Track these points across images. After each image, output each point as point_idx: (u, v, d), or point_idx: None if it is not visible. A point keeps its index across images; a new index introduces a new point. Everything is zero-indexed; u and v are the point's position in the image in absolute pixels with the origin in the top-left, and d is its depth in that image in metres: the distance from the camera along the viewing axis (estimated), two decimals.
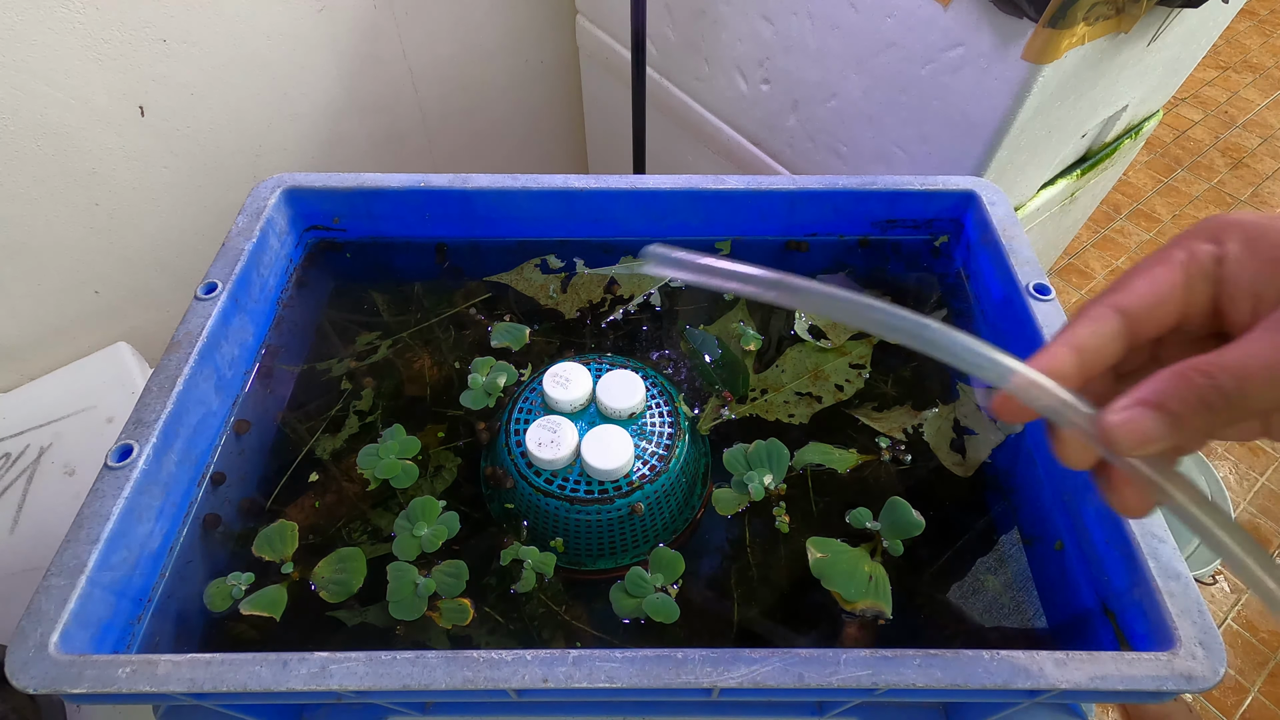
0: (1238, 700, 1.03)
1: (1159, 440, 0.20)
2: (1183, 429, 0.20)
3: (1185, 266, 0.22)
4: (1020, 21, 0.60)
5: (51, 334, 0.86)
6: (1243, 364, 0.19)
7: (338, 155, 1.00)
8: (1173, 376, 0.20)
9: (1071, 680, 0.32)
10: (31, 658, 0.33)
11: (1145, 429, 0.20)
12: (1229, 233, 0.21)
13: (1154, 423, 0.20)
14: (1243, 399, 0.19)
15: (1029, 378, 0.22)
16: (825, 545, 0.43)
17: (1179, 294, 0.22)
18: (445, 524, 0.44)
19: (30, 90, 0.71)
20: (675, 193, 0.55)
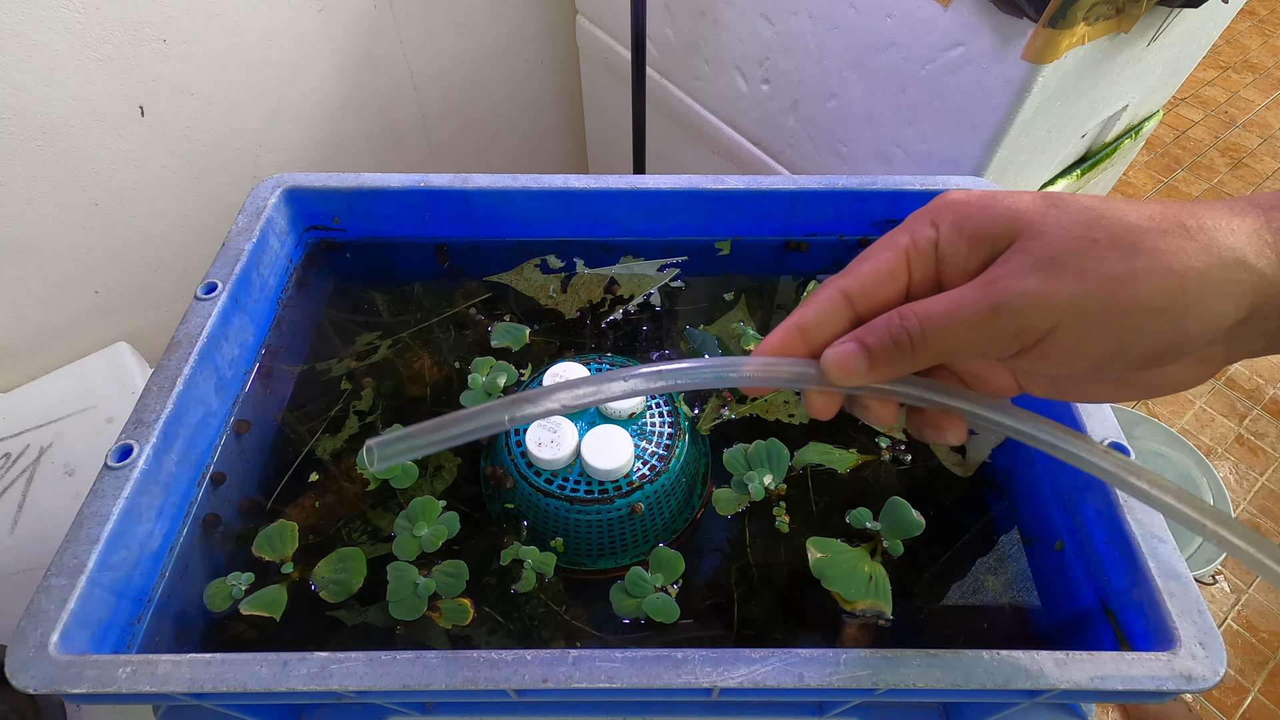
0: (1238, 700, 1.03)
1: (858, 371, 0.24)
2: (878, 362, 0.24)
3: (906, 250, 0.25)
4: (1020, 21, 0.60)
5: (51, 334, 0.86)
6: (928, 310, 0.23)
7: (338, 155, 1.00)
8: (881, 320, 0.24)
9: (1071, 680, 0.32)
10: (31, 658, 0.33)
11: (847, 362, 0.24)
12: (944, 214, 0.24)
13: (855, 357, 0.24)
14: (924, 340, 0.23)
15: (759, 367, 0.25)
16: (825, 545, 0.43)
17: (900, 274, 0.25)
18: (445, 524, 0.44)
19: (30, 90, 0.70)
20: (675, 193, 0.55)
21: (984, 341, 0.22)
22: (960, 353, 0.23)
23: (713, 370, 0.25)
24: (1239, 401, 1.36)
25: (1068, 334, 0.21)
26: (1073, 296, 0.21)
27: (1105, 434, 0.42)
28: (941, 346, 0.23)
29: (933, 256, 0.24)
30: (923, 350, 0.23)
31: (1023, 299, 0.21)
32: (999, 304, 0.21)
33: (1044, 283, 0.21)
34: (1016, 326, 0.22)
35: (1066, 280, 0.21)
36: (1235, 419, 1.33)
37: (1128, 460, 0.24)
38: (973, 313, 0.22)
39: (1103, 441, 0.41)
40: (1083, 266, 0.21)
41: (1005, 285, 0.22)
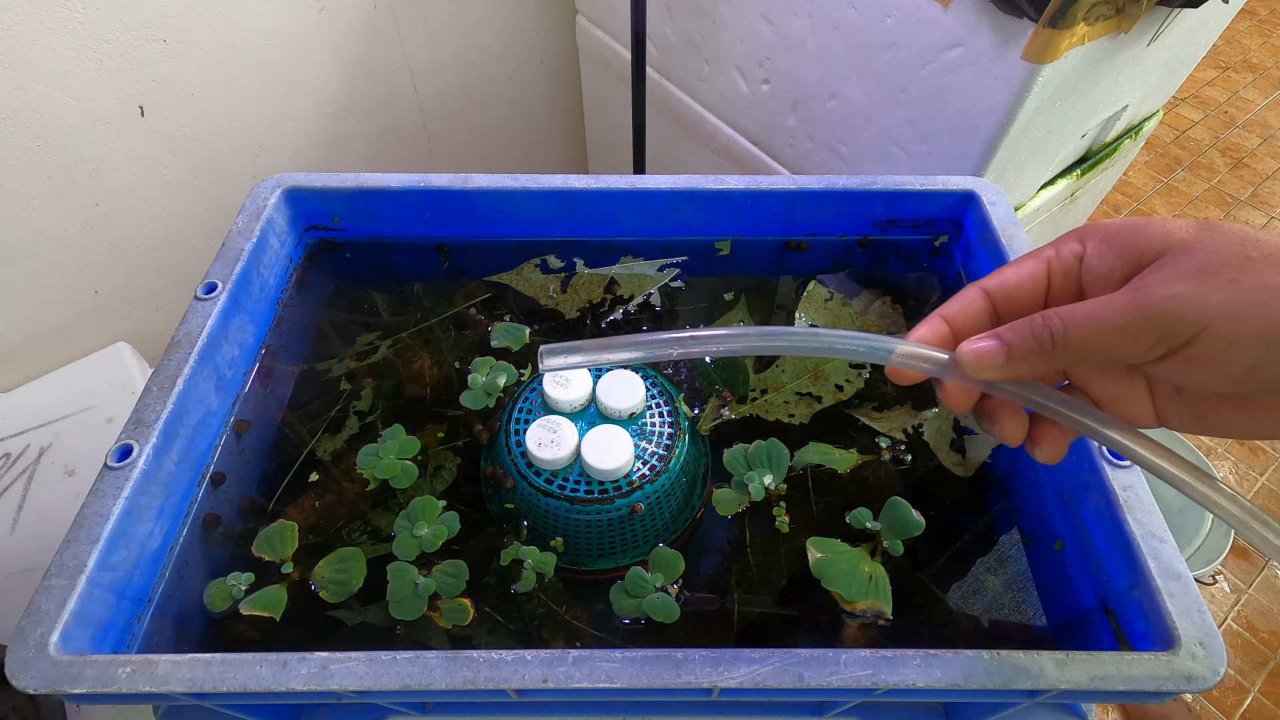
0: (1238, 700, 1.03)
1: (994, 365, 0.24)
2: (1016, 357, 0.24)
3: (1049, 260, 0.26)
4: (1020, 21, 0.60)
5: (51, 334, 0.86)
6: (1072, 313, 0.23)
7: (338, 155, 1.00)
8: (1025, 319, 0.24)
9: (1071, 680, 0.32)
10: (31, 658, 0.33)
11: (984, 356, 0.24)
12: (1092, 233, 0.25)
13: (993, 350, 0.24)
14: (1065, 338, 0.23)
15: (909, 349, 0.26)
16: (825, 545, 0.43)
17: (1040, 280, 0.26)
18: (445, 524, 0.44)
19: (30, 90, 0.71)
20: (675, 193, 0.55)
21: (1129, 344, 0.22)
22: (1103, 354, 0.23)
23: (865, 345, 0.26)
24: None
25: (1216, 338, 0.21)
26: (1225, 300, 0.20)
27: None
28: (1083, 347, 0.23)
29: (1076, 269, 0.25)
30: (1063, 350, 0.23)
31: (1171, 302, 0.21)
32: (1146, 305, 0.21)
33: (1194, 288, 0.21)
34: (1163, 328, 0.21)
35: (1219, 286, 0.21)
36: None
37: (1256, 510, 0.23)
38: (1119, 313, 0.22)
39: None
40: (1235, 276, 0.21)
41: (1154, 289, 0.21)
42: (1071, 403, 0.25)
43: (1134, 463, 0.25)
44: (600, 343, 0.27)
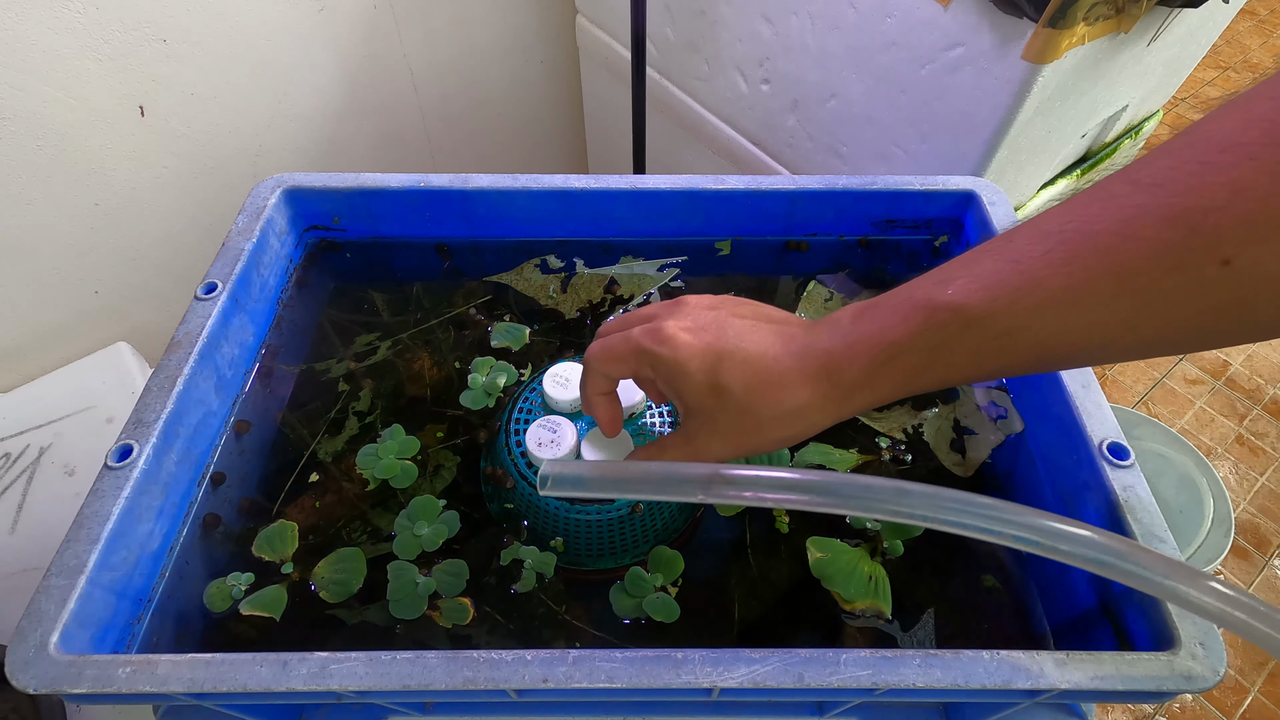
0: (1238, 700, 1.03)
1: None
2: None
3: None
4: (1020, 21, 0.60)
5: (51, 334, 0.86)
6: (662, 454, 0.35)
7: (338, 155, 1.00)
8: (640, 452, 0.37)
9: (1071, 680, 0.32)
10: (31, 658, 0.33)
11: None
12: (655, 372, 0.34)
13: None
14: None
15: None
16: (825, 545, 0.43)
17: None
18: (445, 523, 0.44)
19: (30, 90, 0.70)
20: (675, 193, 0.55)
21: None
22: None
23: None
24: (1239, 401, 1.36)
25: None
26: (738, 451, 0.34)
27: (1105, 434, 0.42)
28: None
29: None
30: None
31: (711, 453, 0.34)
32: (699, 454, 0.34)
33: (723, 445, 0.33)
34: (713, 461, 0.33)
35: (735, 443, 0.33)
36: (1235, 419, 1.33)
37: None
38: (683, 457, 0.35)
39: (1101, 443, 0.41)
40: (739, 439, 0.33)
41: (701, 446, 0.34)
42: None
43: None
44: (605, 470, 0.34)
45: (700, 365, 0.32)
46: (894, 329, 0.29)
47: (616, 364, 0.35)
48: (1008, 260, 0.27)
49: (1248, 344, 0.34)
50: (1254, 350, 1.43)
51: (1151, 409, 1.35)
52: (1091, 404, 0.43)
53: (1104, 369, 1.40)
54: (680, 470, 0.31)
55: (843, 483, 0.29)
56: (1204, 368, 1.40)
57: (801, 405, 0.31)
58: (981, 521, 0.28)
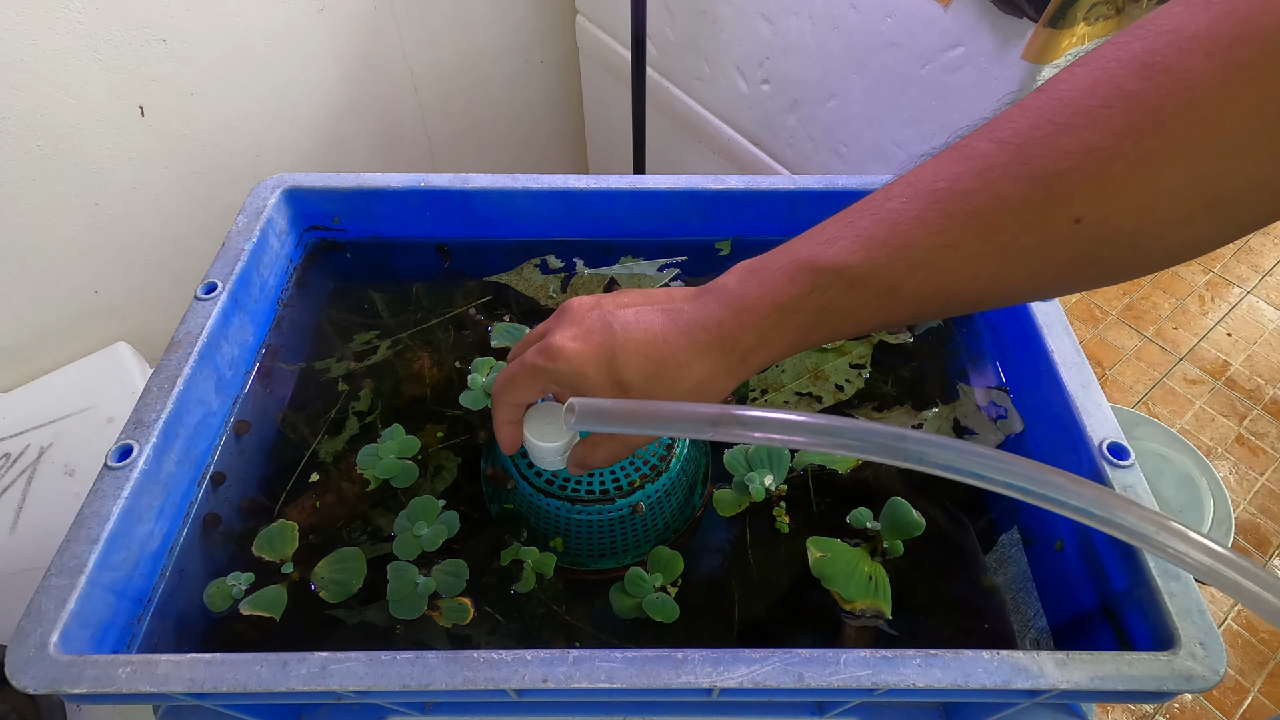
0: (1238, 700, 1.03)
1: (580, 473, 0.41)
2: (586, 471, 0.40)
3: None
4: (1020, 21, 0.60)
5: (51, 334, 0.86)
6: (593, 459, 0.38)
7: (338, 155, 1.00)
8: (575, 456, 0.38)
9: (1071, 680, 0.32)
10: (31, 658, 0.33)
11: (574, 472, 0.41)
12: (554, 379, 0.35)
13: (575, 469, 0.39)
14: (600, 467, 0.39)
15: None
16: (825, 545, 0.43)
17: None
18: (445, 523, 0.44)
19: (30, 90, 0.70)
20: (675, 193, 0.55)
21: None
22: None
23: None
24: (1239, 401, 1.36)
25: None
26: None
27: (1105, 434, 0.42)
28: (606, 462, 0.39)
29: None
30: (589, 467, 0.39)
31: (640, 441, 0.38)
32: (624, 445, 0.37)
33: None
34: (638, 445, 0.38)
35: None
36: (1235, 419, 1.33)
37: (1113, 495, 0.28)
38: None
39: (1101, 443, 0.41)
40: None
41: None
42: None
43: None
44: (628, 407, 0.32)
45: (596, 369, 0.33)
46: (781, 291, 0.30)
47: (520, 390, 0.36)
48: (885, 221, 0.29)
49: (1100, 289, 0.36)
50: (1254, 350, 1.43)
51: (1151, 409, 1.35)
52: (1091, 404, 0.43)
53: (1104, 369, 1.40)
54: (694, 409, 0.31)
55: (845, 426, 0.30)
56: (1204, 368, 1.40)
57: (701, 379, 0.32)
58: (975, 467, 0.28)
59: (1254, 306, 1.50)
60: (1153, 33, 0.23)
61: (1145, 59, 0.23)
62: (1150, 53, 0.23)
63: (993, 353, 0.54)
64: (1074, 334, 0.47)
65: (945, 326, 0.56)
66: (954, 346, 0.55)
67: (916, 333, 0.55)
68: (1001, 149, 0.26)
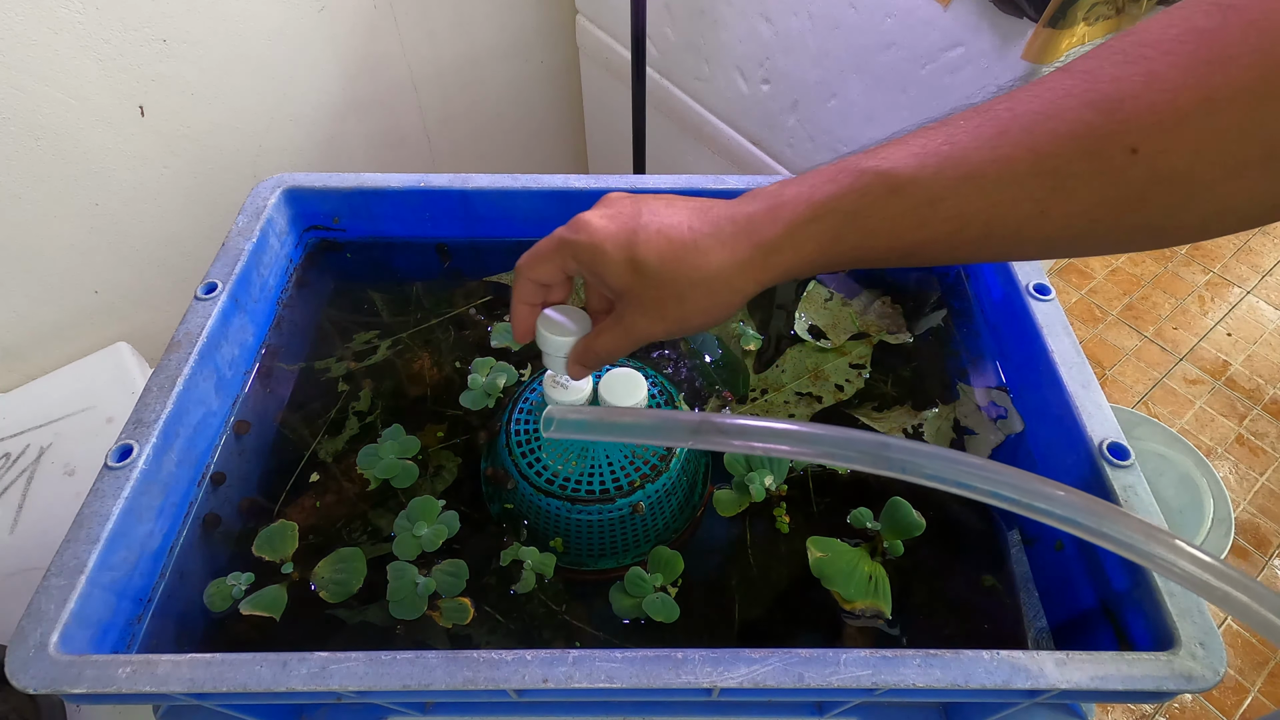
0: (1238, 700, 1.03)
1: (578, 374, 0.40)
2: (584, 370, 0.39)
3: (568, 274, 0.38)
4: (1020, 21, 0.60)
5: (51, 334, 0.86)
6: (598, 344, 0.37)
7: (338, 155, 1.00)
8: (579, 351, 0.38)
9: (1071, 680, 0.32)
10: (31, 658, 0.33)
11: (574, 371, 0.39)
12: (578, 259, 0.35)
13: (574, 368, 0.39)
14: (601, 357, 0.37)
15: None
16: (825, 545, 0.43)
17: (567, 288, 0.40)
18: (445, 523, 0.44)
19: (30, 90, 0.70)
20: (675, 192, 0.55)
21: (628, 349, 0.37)
22: (617, 356, 0.37)
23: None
24: (1239, 401, 1.36)
25: (668, 333, 0.35)
26: (667, 327, 0.34)
27: (1105, 434, 0.42)
28: (608, 357, 0.37)
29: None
30: (601, 360, 0.38)
31: (644, 332, 0.35)
32: (635, 336, 0.35)
33: (652, 322, 0.34)
34: (643, 341, 0.36)
35: (662, 318, 0.34)
36: (1235, 419, 1.33)
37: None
38: (624, 341, 0.36)
39: (1101, 443, 0.41)
40: (665, 311, 0.33)
41: (635, 327, 0.35)
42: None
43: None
44: (602, 414, 0.34)
45: (616, 244, 0.33)
46: (820, 189, 0.30)
47: (542, 263, 0.36)
48: (941, 134, 0.28)
49: (1136, 251, 0.36)
50: (1254, 350, 1.43)
51: (1151, 409, 1.35)
52: (1091, 404, 0.43)
53: (1104, 369, 1.40)
54: (673, 417, 0.31)
55: (826, 434, 0.29)
56: (1204, 368, 1.40)
57: (719, 269, 0.32)
58: (959, 476, 0.28)
59: (1254, 306, 1.50)
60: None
61: (1222, 1, 0.23)
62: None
63: (993, 353, 0.54)
64: (1074, 334, 0.47)
65: (945, 326, 0.56)
66: (954, 346, 0.55)
67: (916, 333, 0.55)
68: (1069, 75, 0.26)
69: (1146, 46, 0.24)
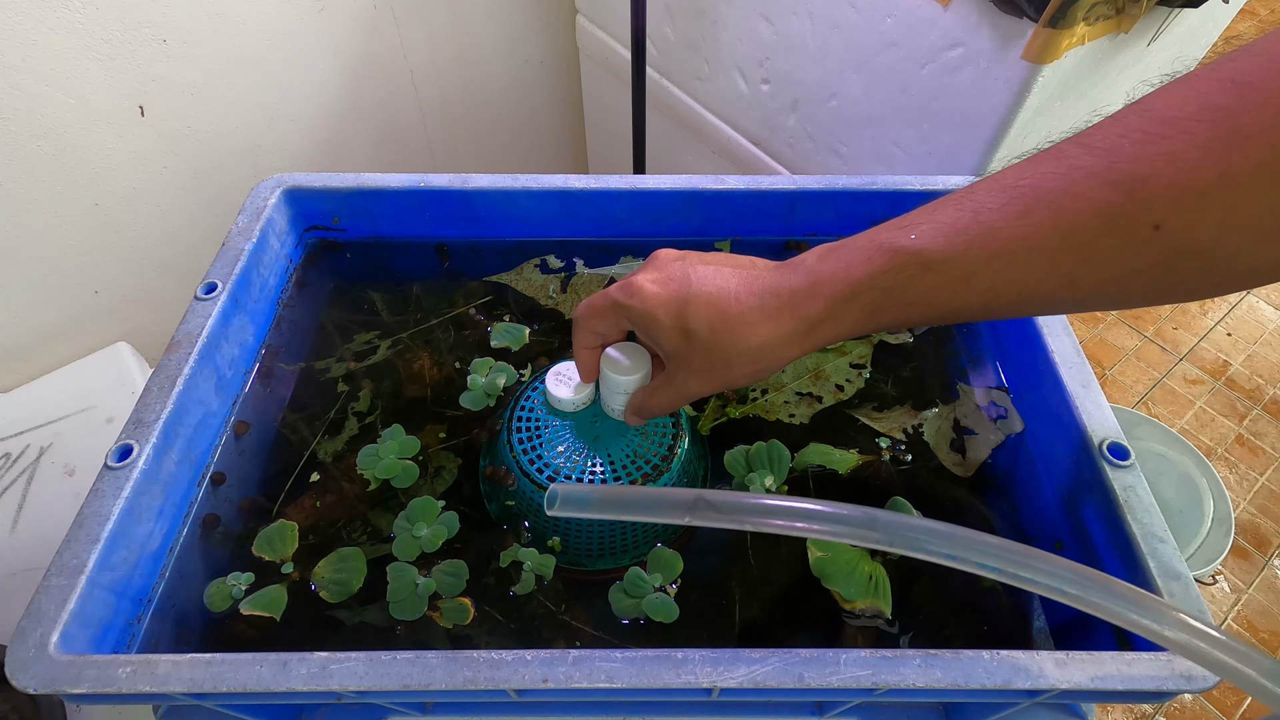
0: (1238, 700, 1.03)
1: (634, 422, 0.43)
2: (639, 419, 0.42)
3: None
4: (1020, 21, 0.60)
5: (51, 334, 0.86)
6: (653, 401, 0.39)
7: (338, 155, 1.00)
8: (635, 405, 0.41)
9: (1071, 680, 0.32)
10: (31, 658, 0.33)
11: (630, 420, 0.42)
12: (630, 322, 0.37)
13: (631, 417, 0.42)
14: (653, 413, 0.40)
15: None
16: (825, 545, 0.43)
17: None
18: (445, 524, 0.44)
19: (30, 90, 0.70)
20: (675, 193, 0.55)
21: (676, 407, 0.40)
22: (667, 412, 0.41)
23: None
24: (1239, 401, 1.36)
25: (713, 392, 0.39)
26: (713, 386, 0.37)
27: (1105, 434, 0.42)
28: (659, 412, 0.40)
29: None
30: (657, 415, 0.41)
31: (693, 391, 0.37)
32: (684, 394, 0.38)
33: (701, 382, 0.36)
34: (690, 399, 0.39)
35: (709, 380, 0.36)
36: (1235, 419, 1.33)
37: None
38: (673, 400, 0.39)
39: (1101, 443, 0.41)
40: (712, 374, 0.36)
41: (684, 384, 0.37)
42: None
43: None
44: (608, 493, 0.35)
45: (668, 312, 0.35)
46: (857, 268, 0.31)
47: (597, 319, 0.38)
48: (968, 210, 0.29)
49: (1171, 304, 0.38)
50: (1254, 350, 1.43)
51: (1151, 409, 1.35)
52: (1091, 404, 0.43)
53: (1104, 369, 1.40)
54: (668, 495, 0.33)
55: (818, 511, 0.31)
56: (1204, 368, 1.40)
57: (766, 341, 0.33)
58: (945, 548, 0.30)
59: (1254, 306, 1.50)
60: (1246, 54, 0.24)
61: (1235, 77, 0.24)
62: (1242, 72, 0.24)
63: (993, 353, 0.54)
64: (1074, 334, 0.47)
65: (945, 326, 0.56)
66: (954, 346, 0.55)
67: (916, 333, 0.55)
68: (1089, 152, 0.27)
69: (1165, 124, 0.25)
